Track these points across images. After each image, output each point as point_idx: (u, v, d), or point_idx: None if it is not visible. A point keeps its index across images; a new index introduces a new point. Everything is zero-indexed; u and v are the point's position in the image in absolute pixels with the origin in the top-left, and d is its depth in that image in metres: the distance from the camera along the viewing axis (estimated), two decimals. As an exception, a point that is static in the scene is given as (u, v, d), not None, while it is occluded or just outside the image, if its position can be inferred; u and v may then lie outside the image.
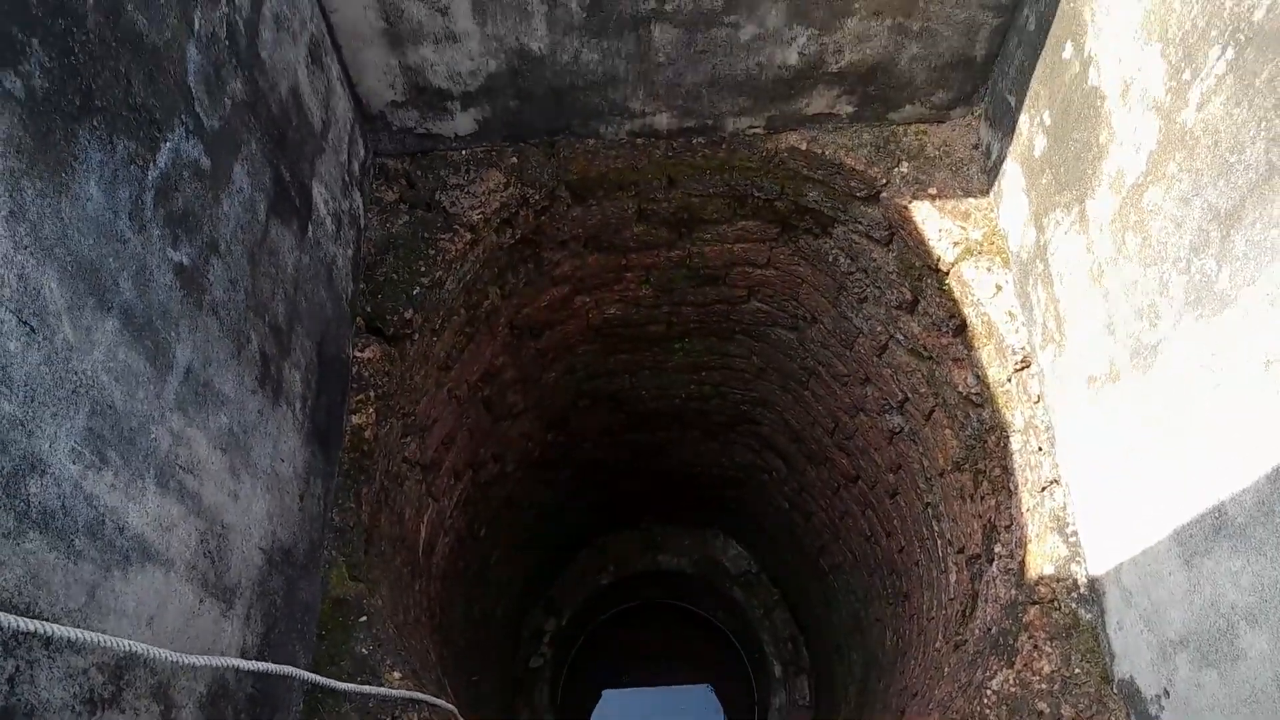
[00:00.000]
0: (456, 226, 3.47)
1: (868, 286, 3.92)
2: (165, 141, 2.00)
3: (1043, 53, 3.01)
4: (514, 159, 3.60)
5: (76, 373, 1.65)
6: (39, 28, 1.58)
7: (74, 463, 1.62)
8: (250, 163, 2.43)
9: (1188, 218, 2.24)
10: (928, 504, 4.05)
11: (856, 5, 3.13)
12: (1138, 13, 2.44)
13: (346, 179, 3.25)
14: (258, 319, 2.45)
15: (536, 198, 3.62)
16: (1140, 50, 2.43)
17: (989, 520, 3.38)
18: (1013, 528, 3.16)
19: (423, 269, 3.39)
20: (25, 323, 1.52)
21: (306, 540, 2.77)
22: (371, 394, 3.22)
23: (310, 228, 2.87)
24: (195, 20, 2.15)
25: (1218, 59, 2.13)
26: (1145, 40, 2.41)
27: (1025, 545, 3.04)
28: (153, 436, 1.90)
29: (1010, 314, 3.25)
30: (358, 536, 3.05)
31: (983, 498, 3.43)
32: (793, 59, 3.32)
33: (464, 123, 3.51)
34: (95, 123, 1.74)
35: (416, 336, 3.43)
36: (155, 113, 1.95)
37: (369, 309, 3.32)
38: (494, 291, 3.92)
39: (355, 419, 3.16)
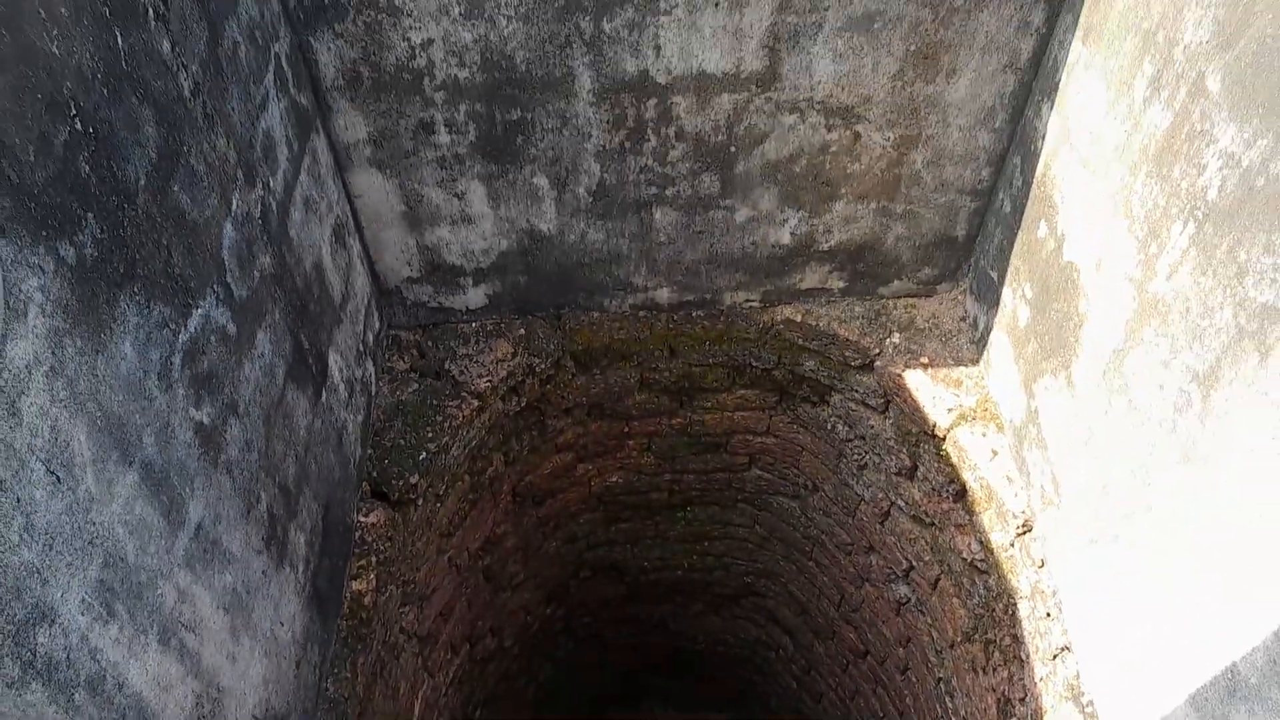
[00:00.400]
0: (464, 394, 3.58)
1: (867, 453, 3.98)
2: (197, 308, 2.12)
3: (1019, 232, 3.22)
4: (522, 330, 3.76)
5: (94, 524, 1.69)
6: (95, 203, 1.73)
7: (83, 614, 1.63)
8: (273, 330, 2.56)
9: (1168, 380, 2.33)
10: (940, 679, 3.93)
11: (843, 190, 3.38)
12: (1103, 194, 2.64)
13: (361, 349, 3.38)
14: (269, 479, 2.50)
15: (542, 367, 3.75)
16: (1108, 227, 2.62)
17: (1002, 693, 3.28)
18: (1027, 700, 3.06)
19: (430, 435, 3.47)
20: (52, 472, 1.57)
21: (299, 710, 2.69)
22: (373, 559, 3.21)
23: (324, 393, 2.97)
24: (234, 201, 2.34)
25: (1180, 233, 2.30)
26: (1112, 218, 2.59)
27: (1040, 718, 2.94)
28: (159, 592, 1.91)
29: (1008, 478, 3.29)
30: (351, 709, 2.96)
31: (994, 669, 3.34)
32: (785, 239, 3.55)
33: (475, 297, 3.69)
34: (135, 289, 1.86)
35: (420, 502, 3.46)
36: (191, 282, 2.09)
37: (375, 474, 3.37)
38: (498, 458, 3.98)
39: (355, 585, 3.14)
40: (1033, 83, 3.06)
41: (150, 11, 1.94)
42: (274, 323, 2.57)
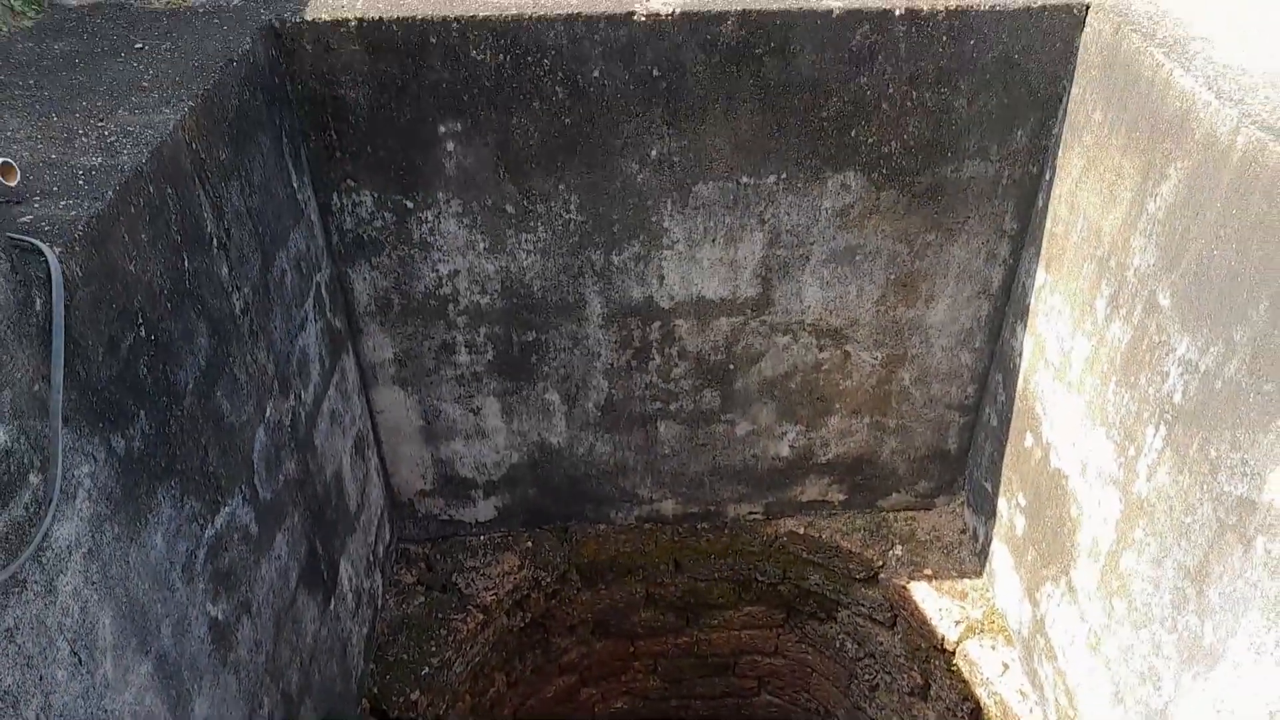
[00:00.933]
0: (470, 607, 3.58)
1: (878, 673, 3.89)
2: (225, 506, 2.24)
3: (1008, 443, 3.36)
4: (529, 543, 3.82)
5: (106, 710, 1.71)
6: (148, 402, 1.90)
7: (83, 805, 1.62)
8: (291, 534, 2.65)
9: (1163, 578, 2.38)
10: None
11: (837, 405, 3.56)
12: (1079, 404, 2.81)
13: (371, 559, 3.44)
14: (273, 685, 2.49)
15: (548, 580, 3.77)
16: (1088, 434, 2.76)
17: None
18: None
19: (433, 648, 3.43)
20: (76, 654, 1.63)
21: None
22: (368, 783, 3.08)
23: (333, 601, 3.00)
24: (268, 409, 2.52)
25: (1154, 436, 2.44)
26: (1090, 426, 2.75)
27: None
28: (157, 792, 1.88)
29: (1022, 693, 3.21)
30: None
31: None
32: (785, 451, 3.69)
33: (485, 510, 3.78)
34: (173, 483, 1.99)
35: (420, 722, 3.37)
36: (222, 480, 2.22)
37: (376, 690, 3.31)
38: (500, 678, 3.89)
39: (348, 811, 3.00)
40: (1005, 306, 3.33)
41: (215, 241, 2.22)
42: (292, 526, 2.66)
